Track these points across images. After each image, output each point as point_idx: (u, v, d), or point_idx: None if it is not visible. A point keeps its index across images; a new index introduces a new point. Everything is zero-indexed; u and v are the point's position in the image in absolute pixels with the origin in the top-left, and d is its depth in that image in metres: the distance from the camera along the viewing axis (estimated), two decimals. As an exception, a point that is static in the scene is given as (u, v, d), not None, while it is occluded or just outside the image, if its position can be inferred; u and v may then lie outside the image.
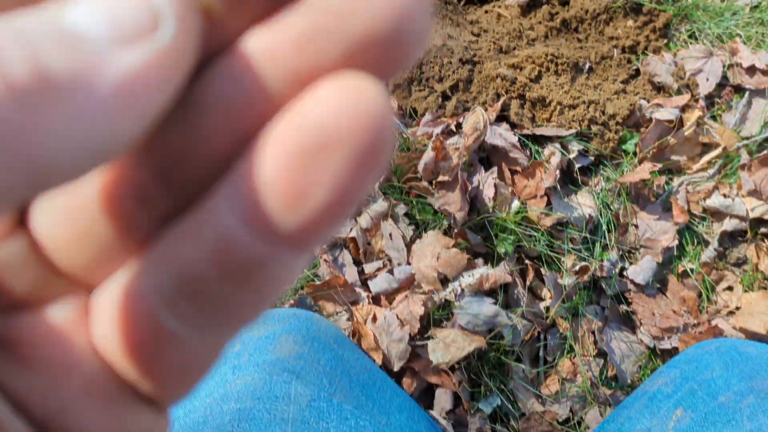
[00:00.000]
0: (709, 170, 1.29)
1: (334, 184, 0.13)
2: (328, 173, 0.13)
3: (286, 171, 0.13)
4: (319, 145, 0.13)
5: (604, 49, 1.35)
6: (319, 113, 0.13)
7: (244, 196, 0.13)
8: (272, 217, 0.13)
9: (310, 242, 0.14)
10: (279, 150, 0.13)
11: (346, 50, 0.13)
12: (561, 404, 1.19)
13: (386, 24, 0.13)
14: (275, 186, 0.13)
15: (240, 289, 0.14)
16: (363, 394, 0.78)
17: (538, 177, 1.24)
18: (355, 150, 0.13)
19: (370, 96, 0.13)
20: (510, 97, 1.30)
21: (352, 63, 0.13)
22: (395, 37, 0.13)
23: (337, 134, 0.13)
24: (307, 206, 0.13)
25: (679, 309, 1.23)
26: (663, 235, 1.25)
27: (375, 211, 1.24)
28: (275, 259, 0.14)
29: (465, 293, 1.17)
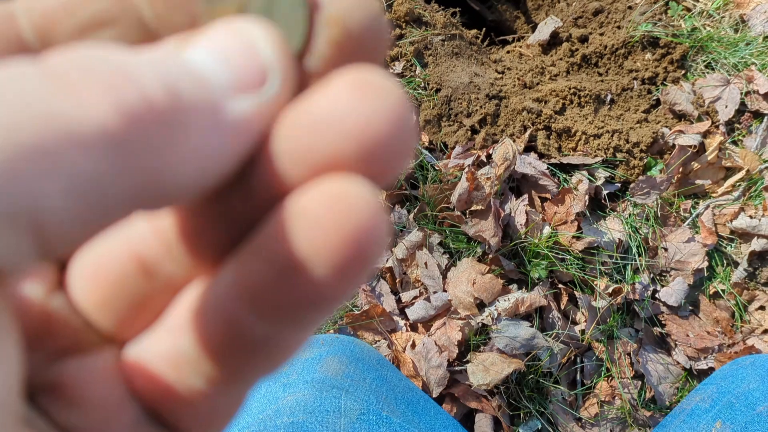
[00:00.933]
0: (734, 193, 1.32)
1: (322, 289, 0.14)
2: (313, 281, 0.14)
3: (273, 278, 0.14)
4: (301, 257, 0.14)
5: (624, 81, 1.41)
6: (303, 222, 0.14)
7: (243, 286, 0.15)
8: (268, 304, 0.15)
9: (314, 319, 0.15)
10: (265, 259, 0.14)
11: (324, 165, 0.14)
12: (601, 427, 1.20)
13: (357, 144, 0.14)
14: (265, 287, 0.14)
15: (250, 358, 0.16)
16: (409, 410, 0.79)
17: (567, 203, 1.28)
18: (342, 256, 0.13)
19: (354, 198, 0.13)
20: (536, 128, 1.35)
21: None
22: (369, 155, 0.14)
23: (321, 243, 0.13)
24: (295, 303, 0.14)
25: (713, 329, 1.25)
26: (693, 257, 1.28)
27: (410, 242, 1.28)
28: (280, 335, 0.15)
29: (501, 317, 1.20)
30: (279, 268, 0.14)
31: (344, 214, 0.13)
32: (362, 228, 0.13)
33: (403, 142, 0.14)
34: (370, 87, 0.14)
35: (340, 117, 0.14)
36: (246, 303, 0.15)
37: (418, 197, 1.32)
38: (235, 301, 0.15)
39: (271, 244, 0.14)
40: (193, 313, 0.16)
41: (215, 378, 0.16)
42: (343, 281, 0.14)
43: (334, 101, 0.14)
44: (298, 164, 0.14)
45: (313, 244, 0.13)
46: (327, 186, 0.14)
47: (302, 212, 0.14)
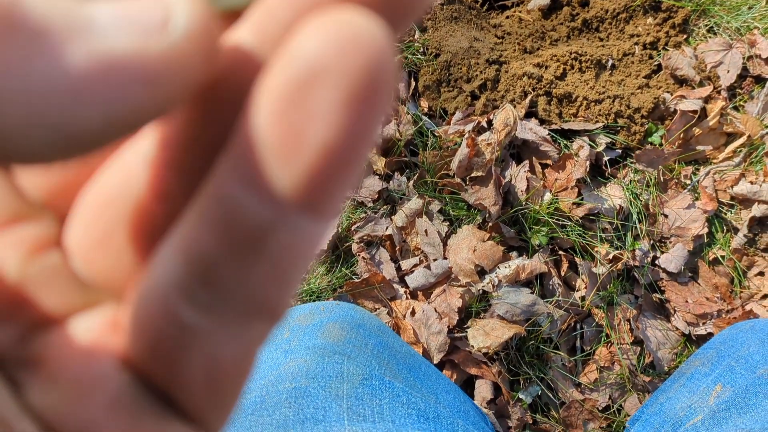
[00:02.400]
0: (735, 158, 1.31)
1: (329, 124, 0.12)
2: (320, 112, 0.12)
3: (275, 115, 0.12)
4: (306, 81, 0.12)
5: (625, 46, 1.39)
6: (305, 48, 0.12)
7: (242, 158, 0.12)
8: (271, 173, 0.12)
9: (321, 201, 0.13)
10: (267, 95, 0.12)
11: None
12: (600, 392, 1.21)
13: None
14: (267, 136, 0.12)
15: (253, 264, 0.13)
16: (411, 375, 0.80)
17: (568, 169, 1.27)
18: (347, 84, 0.12)
19: (362, 28, 0.12)
20: (537, 94, 1.33)
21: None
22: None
23: (325, 67, 0.12)
24: (303, 154, 0.12)
25: (712, 295, 1.25)
26: (693, 224, 1.28)
27: (410, 209, 1.27)
28: (285, 224, 0.13)
29: (502, 284, 1.20)
30: (283, 106, 0.12)
31: (352, 42, 0.11)
32: (371, 61, 0.12)
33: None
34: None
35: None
36: (247, 187, 0.12)
37: (417, 164, 1.31)
38: (236, 185, 0.13)
39: (270, 87, 0.12)
40: (194, 217, 0.14)
41: (209, 305, 0.14)
42: (353, 118, 0.12)
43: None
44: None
45: (316, 74, 0.12)
46: (331, 16, 0.12)
47: (303, 41, 0.12)
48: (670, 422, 0.85)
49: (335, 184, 0.12)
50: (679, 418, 0.83)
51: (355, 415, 0.64)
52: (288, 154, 0.12)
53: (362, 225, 1.29)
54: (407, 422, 0.66)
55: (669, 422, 0.85)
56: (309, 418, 0.63)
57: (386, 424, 0.64)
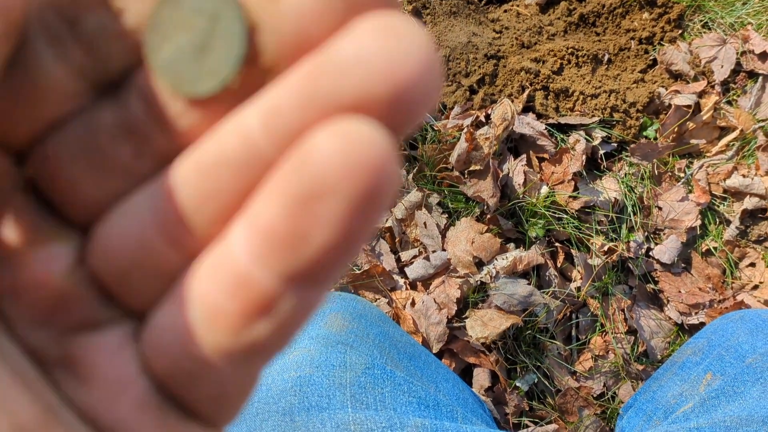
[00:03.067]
0: (728, 152, 1.34)
1: (332, 228, 0.13)
2: (325, 218, 0.13)
3: (285, 217, 0.14)
4: (312, 191, 0.13)
5: (621, 41, 1.41)
6: (316, 159, 0.13)
7: (254, 238, 0.14)
8: (281, 256, 0.14)
9: (321, 281, 0.15)
10: (277, 198, 0.14)
11: (347, 108, 0.14)
12: (595, 380, 1.24)
13: (385, 87, 0.13)
14: (278, 228, 0.14)
15: (261, 320, 0.15)
16: (411, 364, 0.81)
17: (564, 163, 1.30)
18: (350, 194, 0.13)
19: (367, 140, 0.13)
20: (534, 89, 1.36)
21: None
22: (397, 98, 0.13)
23: (330, 180, 0.13)
24: (309, 248, 0.14)
25: (704, 286, 1.28)
26: (686, 216, 1.30)
27: (409, 202, 1.30)
28: (290, 294, 0.15)
29: (500, 275, 1.23)
30: (292, 208, 0.14)
31: (358, 154, 0.13)
32: (375, 171, 0.13)
33: (430, 86, 0.14)
34: (397, 30, 0.13)
35: (367, 59, 0.13)
36: (257, 258, 0.14)
37: (417, 157, 1.34)
38: (249, 258, 0.14)
39: (282, 187, 0.14)
40: (208, 275, 0.16)
41: (229, 349, 0.16)
42: (354, 223, 0.14)
43: (360, 43, 0.13)
44: (315, 107, 0.14)
45: (324, 185, 0.13)
46: (341, 126, 0.13)
47: (313, 150, 0.13)
48: (662, 409, 0.87)
49: (333, 269, 0.14)
50: (671, 405, 0.84)
51: (358, 402, 0.66)
52: (296, 246, 0.14)
53: (363, 217, 1.31)
54: (408, 410, 0.68)
55: (661, 409, 0.87)
56: (314, 406, 0.65)
57: (388, 412, 0.66)
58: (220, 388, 0.17)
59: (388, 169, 0.13)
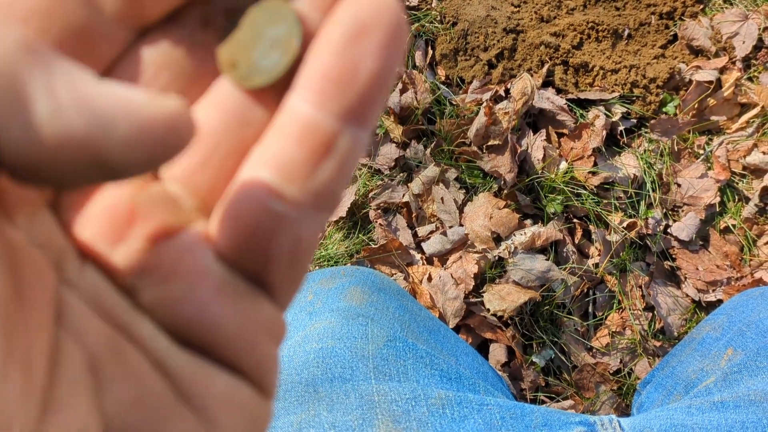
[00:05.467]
0: (748, 129, 1.33)
1: (374, 58, 0.17)
2: (369, 50, 0.17)
3: (338, 57, 0.17)
4: (359, 32, 0.17)
5: (642, 16, 1.40)
6: (354, 11, 0.17)
7: (312, 88, 0.17)
8: (337, 97, 0.17)
9: (369, 114, 0.18)
10: (329, 41, 0.17)
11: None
12: (612, 356, 1.24)
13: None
14: (331, 70, 0.17)
15: (326, 164, 0.18)
16: (432, 337, 0.81)
17: (584, 139, 1.29)
18: (382, 33, 0.17)
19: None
20: (554, 63, 1.34)
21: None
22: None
23: (369, 23, 0.17)
24: (358, 80, 0.17)
25: (722, 263, 1.28)
26: (705, 193, 1.29)
27: (426, 177, 1.29)
28: (346, 132, 0.18)
29: (518, 251, 1.22)
30: (343, 48, 0.17)
31: (384, 13, 0.17)
32: (397, 15, 0.17)
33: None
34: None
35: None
36: (320, 108, 0.17)
37: (434, 132, 1.33)
38: (311, 108, 0.17)
39: (332, 34, 0.17)
40: (277, 132, 0.18)
41: (302, 198, 0.18)
42: (388, 56, 0.17)
43: None
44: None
45: (365, 25, 0.17)
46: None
47: (352, 11, 0.17)
48: (682, 384, 0.87)
49: (376, 102, 0.18)
50: (692, 380, 0.85)
51: (381, 374, 0.66)
52: (348, 83, 0.17)
53: (379, 192, 1.31)
54: (431, 382, 0.69)
55: (681, 384, 0.87)
56: (337, 377, 0.65)
57: (411, 384, 0.67)
58: (295, 245, 0.19)
59: (401, 18, 0.17)
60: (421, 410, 0.64)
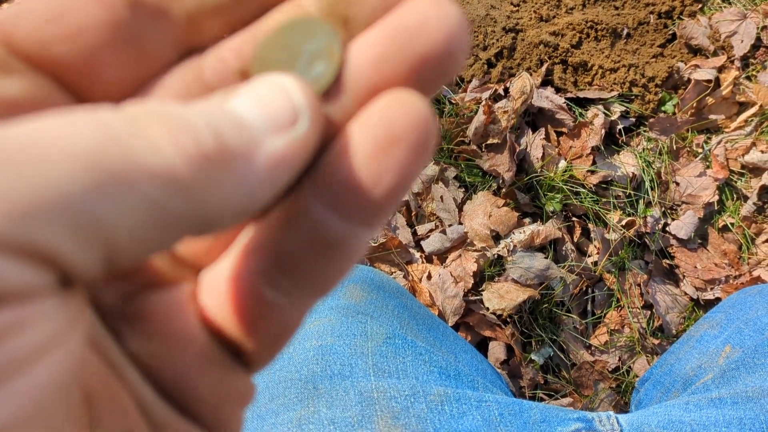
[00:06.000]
0: (747, 128, 1.33)
1: (399, 169, 0.17)
2: (396, 161, 0.17)
3: (368, 160, 0.17)
4: (389, 141, 0.17)
5: (640, 15, 1.40)
6: (387, 119, 0.17)
7: (330, 188, 0.17)
8: (355, 200, 0.17)
9: (380, 219, 0.18)
10: (360, 147, 0.17)
11: (411, 67, 0.17)
12: (610, 354, 1.24)
13: (441, 44, 0.17)
14: (359, 174, 0.17)
15: (327, 262, 0.18)
16: (430, 335, 0.82)
17: (583, 137, 1.29)
18: (411, 144, 0.17)
19: (420, 106, 0.17)
20: (553, 62, 1.35)
21: (412, 78, 0.17)
22: (446, 54, 0.17)
23: (401, 132, 0.17)
24: (378, 192, 0.17)
25: (720, 262, 1.28)
26: (703, 191, 1.30)
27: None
28: (354, 235, 0.18)
29: (517, 249, 1.23)
30: (373, 170, 0.17)
31: (415, 114, 0.17)
32: (425, 127, 0.17)
33: (465, 44, 0.17)
34: (442, 3, 0.17)
35: (426, 22, 0.17)
36: (327, 205, 0.17)
37: (434, 131, 1.33)
38: (316, 204, 0.17)
39: (348, 144, 0.17)
40: (272, 222, 0.19)
41: (293, 291, 0.19)
42: (411, 175, 0.17)
43: (420, 11, 0.17)
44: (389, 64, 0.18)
45: (398, 148, 0.17)
46: (401, 94, 0.17)
47: (385, 112, 0.17)
48: (680, 381, 0.87)
49: (390, 209, 0.17)
50: (690, 377, 0.85)
51: (380, 371, 0.67)
52: (371, 188, 0.17)
53: (379, 191, 1.32)
54: (430, 379, 0.69)
55: (679, 381, 0.87)
56: (336, 374, 0.65)
57: (410, 380, 0.67)
58: (281, 329, 0.20)
59: (431, 126, 0.17)
60: (420, 406, 0.64)
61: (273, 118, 0.17)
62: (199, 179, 0.15)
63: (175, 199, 0.15)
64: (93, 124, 0.14)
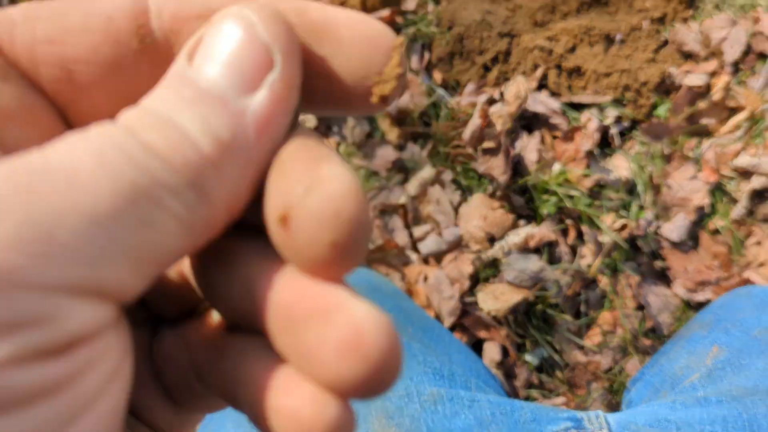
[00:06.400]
0: (737, 132, 1.35)
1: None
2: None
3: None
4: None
5: (633, 21, 1.42)
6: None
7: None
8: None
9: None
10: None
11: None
12: (603, 354, 1.27)
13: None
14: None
15: None
16: (426, 336, 0.83)
17: (577, 141, 1.32)
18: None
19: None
20: (548, 67, 1.37)
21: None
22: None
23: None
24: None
25: (711, 264, 1.30)
26: (695, 194, 1.32)
27: (422, 178, 1.32)
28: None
29: (512, 251, 1.25)
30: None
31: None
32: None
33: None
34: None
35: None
36: None
37: (430, 134, 1.35)
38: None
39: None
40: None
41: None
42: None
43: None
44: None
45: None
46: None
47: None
48: (669, 381, 0.88)
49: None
50: (678, 377, 0.86)
51: (375, 372, 0.69)
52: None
53: (376, 194, 1.34)
54: (424, 379, 0.70)
55: (668, 381, 0.88)
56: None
57: (405, 381, 0.68)
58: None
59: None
60: (414, 407, 0.65)
61: (248, 75, 0.16)
62: (208, 183, 0.15)
63: (194, 207, 0.15)
64: (107, 145, 0.15)
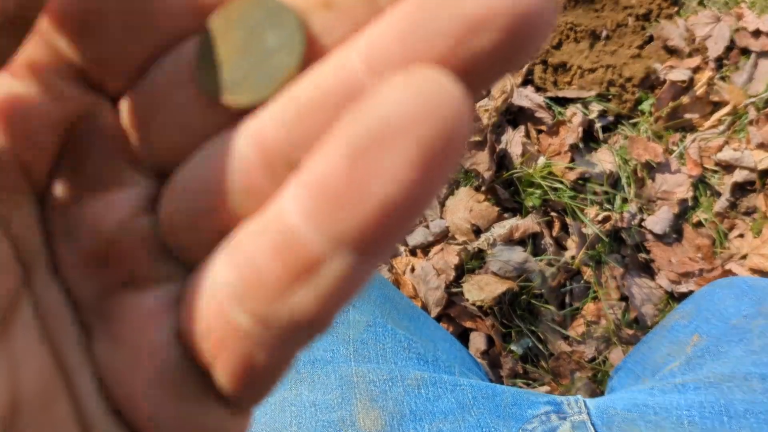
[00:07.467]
0: (720, 126, 1.38)
1: (396, 179, 0.12)
2: (389, 167, 0.12)
3: (345, 162, 0.12)
4: (379, 136, 0.12)
5: (619, 17, 1.44)
6: (386, 100, 0.12)
7: (307, 192, 0.13)
8: (333, 213, 0.13)
9: (375, 247, 0.13)
10: (340, 142, 0.12)
11: (447, 44, 0.12)
12: (587, 344, 1.28)
13: (496, 16, 0.12)
14: (334, 179, 0.12)
15: (302, 287, 0.13)
16: (411, 324, 0.83)
17: (561, 135, 1.34)
18: (418, 144, 0.12)
19: (440, 89, 0.12)
20: (533, 62, 1.39)
21: (454, 58, 0.12)
22: (504, 29, 0.12)
23: (399, 126, 0.12)
24: (367, 202, 0.12)
25: (694, 256, 1.32)
26: (678, 188, 1.34)
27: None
28: (338, 259, 0.13)
29: (497, 242, 1.27)
30: (353, 156, 0.12)
31: (432, 101, 0.12)
32: (448, 122, 0.12)
33: (548, 18, 0.13)
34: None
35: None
36: (310, 220, 0.13)
37: (418, 128, 1.37)
38: (299, 216, 0.13)
39: (343, 134, 0.13)
40: (255, 232, 0.14)
41: (265, 317, 0.14)
42: (420, 178, 0.12)
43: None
44: (420, 40, 0.13)
45: (389, 131, 0.12)
46: (415, 74, 0.12)
47: (382, 94, 0.12)
48: (650, 369, 0.90)
49: (390, 234, 0.13)
50: (659, 365, 0.87)
51: (360, 357, 0.69)
52: (352, 200, 0.12)
53: (365, 186, 1.35)
54: (408, 364, 0.71)
55: (649, 369, 0.90)
56: (319, 359, 0.68)
57: (389, 365, 0.70)
58: (250, 362, 0.15)
59: (461, 125, 0.12)
60: (398, 390, 0.67)
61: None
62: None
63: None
64: None
